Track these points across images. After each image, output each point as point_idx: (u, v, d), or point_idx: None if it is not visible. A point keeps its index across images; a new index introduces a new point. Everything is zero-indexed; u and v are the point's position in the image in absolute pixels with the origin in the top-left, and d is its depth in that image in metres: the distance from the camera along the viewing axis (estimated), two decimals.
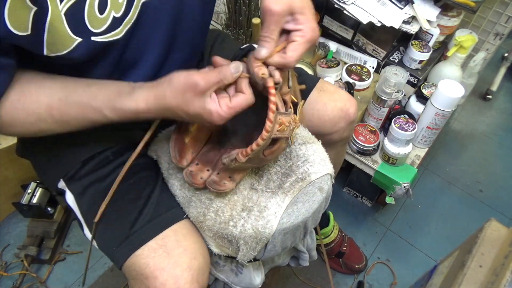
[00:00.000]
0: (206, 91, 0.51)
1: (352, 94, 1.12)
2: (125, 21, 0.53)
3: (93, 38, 0.51)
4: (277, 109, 0.52)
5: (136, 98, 0.53)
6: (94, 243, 0.66)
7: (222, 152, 0.64)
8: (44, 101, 0.53)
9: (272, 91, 0.51)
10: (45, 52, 0.49)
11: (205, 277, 0.62)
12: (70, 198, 0.68)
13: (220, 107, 0.51)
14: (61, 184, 0.69)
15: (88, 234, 0.66)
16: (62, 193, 0.70)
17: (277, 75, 0.52)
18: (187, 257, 0.60)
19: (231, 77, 0.52)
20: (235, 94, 0.53)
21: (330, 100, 0.81)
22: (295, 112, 0.62)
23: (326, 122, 0.80)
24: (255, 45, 0.56)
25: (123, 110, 0.53)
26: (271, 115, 0.51)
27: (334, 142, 0.85)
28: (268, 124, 0.51)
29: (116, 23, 0.52)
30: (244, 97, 0.52)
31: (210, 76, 0.51)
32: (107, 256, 0.64)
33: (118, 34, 0.53)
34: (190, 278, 0.59)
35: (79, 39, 0.49)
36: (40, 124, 0.54)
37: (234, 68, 0.52)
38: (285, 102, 0.58)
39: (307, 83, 0.81)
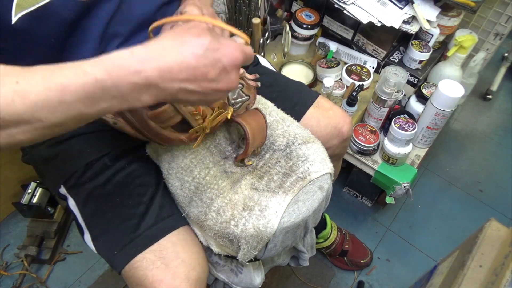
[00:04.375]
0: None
1: (356, 98, 1.12)
2: None
3: None
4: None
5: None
6: (93, 247, 0.66)
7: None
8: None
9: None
10: (13, 13, 0.44)
11: (204, 285, 0.63)
12: (72, 204, 0.68)
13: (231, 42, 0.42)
14: (63, 191, 0.69)
15: (88, 240, 0.66)
16: (64, 198, 0.70)
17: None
18: (185, 268, 0.60)
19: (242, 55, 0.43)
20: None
21: (324, 117, 0.81)
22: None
23: (319, 139, 0.77)
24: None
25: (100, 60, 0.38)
26: None
27: None
28: None
29: None
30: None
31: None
32: (106, 261, 0.65)
33: None
34: None
35: None
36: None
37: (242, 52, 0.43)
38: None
39: (306, 99, 0.82)
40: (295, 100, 0.80)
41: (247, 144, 0.64)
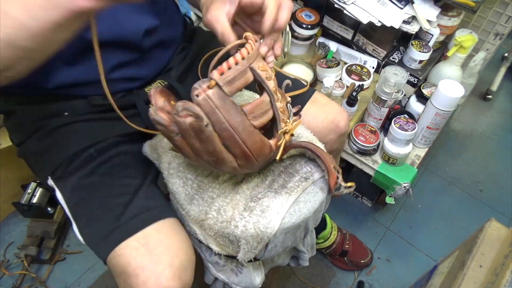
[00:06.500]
0: None
1: (356, 98, 1.12)
2: None
3: None
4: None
5: None
6: (80, 237, 0.66)
7: None
8: None
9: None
10: None
11: (188, 274, 0.63)
12: (59, 196, 0.69)
13: None
14: (51, 182, 0.70)
15: (76, 230, 0.67)
16: (53, 190, 0.70)
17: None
18: (168, 255, 0.60)
19: None
20: None
21: (321, 112, 0.81)
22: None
23: (316, 134, 0.78)
24: None
25: None
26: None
27: None
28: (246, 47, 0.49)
29: None
30: None
31: None
32: (92, 250, 0.65)
33: None
34: (172, 275, 0.59)
35: None
36: None
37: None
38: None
39: (302, 95, 0.82)
40: (292, 96, 0.81)
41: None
